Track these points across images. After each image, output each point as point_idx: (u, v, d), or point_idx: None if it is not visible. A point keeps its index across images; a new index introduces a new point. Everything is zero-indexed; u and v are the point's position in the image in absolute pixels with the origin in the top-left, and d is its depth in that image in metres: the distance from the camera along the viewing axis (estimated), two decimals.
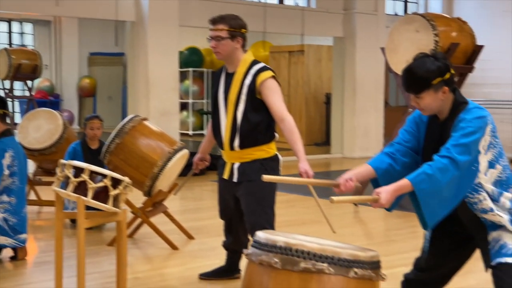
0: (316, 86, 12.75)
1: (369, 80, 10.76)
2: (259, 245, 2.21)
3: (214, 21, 3.43)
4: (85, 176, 2.92)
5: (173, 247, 4.67)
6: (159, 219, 5.06)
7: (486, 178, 2.43)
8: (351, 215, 6.18)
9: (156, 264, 4.39)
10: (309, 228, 5.51)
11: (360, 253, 2.14)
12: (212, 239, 4.94)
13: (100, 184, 2.94)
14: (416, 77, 2.42)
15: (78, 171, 2.95)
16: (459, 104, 2.47)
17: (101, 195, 2.96)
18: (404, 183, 2.33)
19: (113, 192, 2.96)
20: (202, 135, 15.07)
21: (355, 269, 2.11)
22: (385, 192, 2.32)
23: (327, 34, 11.07)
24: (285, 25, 10.26)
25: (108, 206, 2.96)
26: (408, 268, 4.29)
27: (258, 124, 3.42)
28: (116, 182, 3.00)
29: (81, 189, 2.92)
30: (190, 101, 14.72)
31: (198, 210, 6.32)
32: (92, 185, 2.91)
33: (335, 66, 11.13)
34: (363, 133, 10.81)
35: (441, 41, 5.96)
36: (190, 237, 5.00)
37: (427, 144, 2.54)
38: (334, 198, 2.22)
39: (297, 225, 5.62)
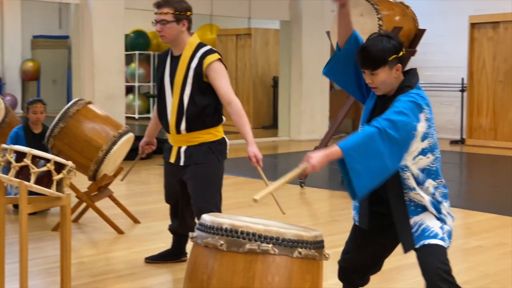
0: (264, 70, 12.78)
1: (316, 64, 10.85)
2: (204, 227, 2.22)
3: (159, 5, 3.40)
4: (27, 161, 2.86)
5: (119, 231, 4.64)
6: (104, 204, 5.01)
7: (413, 162, 2.49)
8: (297, 196, 6.26)
9: (101, 248, 4.36)
10: (257, 210, 5.56)
11: (304, 233, 2.18)
12: (158, 223, 4.93)
13: (43, 169, 2.88)
14: (373, 54, 2.48)
15: (20, 155, 2.88)
16: (404, 87, 2.54)
17: (44, 179, 2.90)
18: (334, 149, 2.35)
19: (56, 177, 2.91)
20: (148, 118, 14.91)
21: (299, 249, 2.14)
22: (316, 156, 2.31)
23: (274, 17, 11.09)
24: (232, 8, 10.22)
25: (51, 191, 2.91)
26: None
27: (205, 107, 3.41)
28: (59, 167, 2.95)
29: (23, 174, 2.86)
30: (136, 84, 14.54)
31: (144, 194, 6.28)
32: (34, 170, 2.85)
33: (282, 49, 11.18)
34: (309, 116, 10.93)
35: (385, 25, 6.07)
36: (135, 221, 4.98)
37: (369, 119, 2.60)
38: (256, 196, 2.17)
39: (244, 207, 5.66)
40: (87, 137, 4.50)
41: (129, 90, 14.22)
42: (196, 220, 3.51)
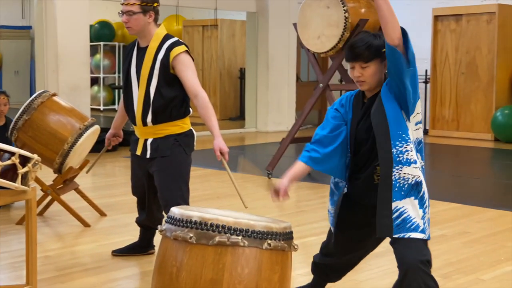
0: (230, 61, 12.76)
1: (282, 56, 10.89)
2: (173, 220, 2.22)
3: None
4: None
5: (85, 224, 4.60)
6: (70, 197, 4.95)
7: (415, 128, 2.51)
8: (264, 187, 6.28)
9: (67, 242, 4.31)
10: (224, 202, 5.57)
11: (273, 225, 2.20)
12: (125, 216, 4.90)
13: (8, 162, 2.82)
14: (367, 46, 2.50)
15: None
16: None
17: (9, 173, 2.84)
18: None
19: (21, 170, 2.86)
20: (113, 110, 14.76)
21: (269, 241, 2.16)
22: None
23: (240, 8, 11.07)
24: (199, 0, 10.18)
25: (16, 185, 2.86)
26: (318, 237, 4.45)
27: (172, 99, 3.39)
28: (24, 160, 2.90)
29: None
30: (101, 75, 14.37)
31: (110, 187, 6.23)
32: None
33: (248, 41, 11.17)
34: (276, 107, 10.96)
35: (351, 17, 6.12)
36: (102, 214, 4.94)
37: (356, 123, 2.59)
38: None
39: (211, 199, 5.66)
40: (52, 130, 4.44)
41: (94, 81, 14.03)
42: (164, 213, 3.50)
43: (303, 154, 2.64)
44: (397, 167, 2.46)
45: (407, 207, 2.46)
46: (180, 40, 3.44)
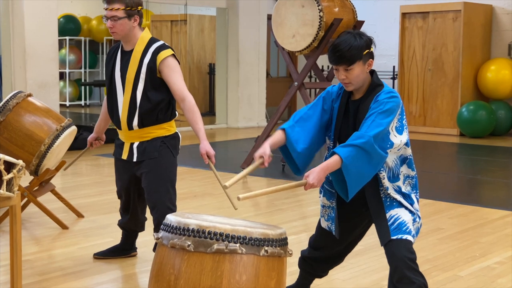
0: (199, 56, 12.72)
1: (252, 51, 10.90)
2: (170, 228, 2.23)
3: (109, 1, 3.32)
4: None
5: (63, 226, 4.55)
6: (44, 198, 4.89)
7: (397, 151, 2.59)
8: (240, 185, 6.31)
9: (45, 245, 4.25)
10: (200, 201, 5.58)
11: (269, 232, 2.23)
12: (103, 217, 4.87)
13: None
14: (348, 49, 2.53)
15: None
16: (376, 86, 2.62)
17: None
18: (332, 160, 2.43)
19: (6, 177, 2.82)
20: (79, 105, 14.57)
21: (266, 247, 2.19)
22: (314, 173, 2.41)
23: (210, 4, 11.04)
24: None
25: (2, 192, 2.82)
26: (297, 236, 4.49)
27: (159, 103, 3.37)
28: (9, 166, 2.86)
29: None
30: (67, 70, 14.14)
31: (83, 187, 6.16)
32: None
33: (218, 36, 11.15)
34: (246, 103, 10.98)
35: (325, 16, 6.17)
36: (79, 215, 4.89)
37: (341, 122, 2.66)
38: (241, 196, 2.27)
39: (188, 199, 5.66)
40: (28, 131, 4.37)
41: (60, 76, 13.80)
42: (151, 214, 3.49)
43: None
44: (380, 188, 2.62)
45: (400, 213, 2.62)
46: (166, 44, 3.43)
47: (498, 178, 6.97)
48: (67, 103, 14.07)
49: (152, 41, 3.40)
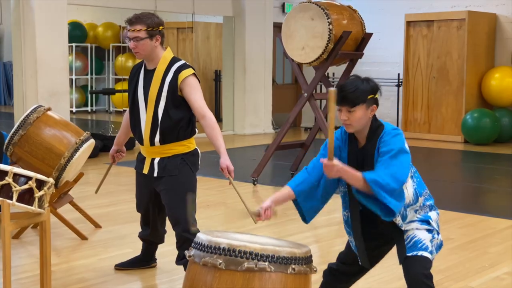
0: (205, 63, 12.85)
1: (259, 59, 11.02)
2: (201, 247, 2.33)
3: (131, 22, 3.44)
4: (9, 179, 2.87)
5: (82, 237, 4.66)
6: (61, 208, 4.98)
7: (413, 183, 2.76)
8: (250, 194, 6.40)
9: (66, 256, 4.34)
10: (213, 212, 5.65)
11: (296, 250, 2.34)
12: (120, 227, 4.96)
13: (25, 187, 2.90)
14: (354, 91, 2.63)
15: (1, 174, 2.89)
16: (377, 127, 2.71)
17: (26, 196, 2.92)
18: (357, 173, 2.58)
19: (38, 194, 2.94)
20: (85, 112, 14.69)
21: (293, 265, 2.30)
22: (341, 164, 2.55)
23: (217, 13, 11.16)
24: (175, 4, 10.22)
25: (34, 208, 2.94)
26: (311, 247, 4.57)
27: (179, 120, 3.48)
28: (40, 183, 2.98)
29: (5, 192, 2.87)
30: (74, 77, 14.26)
31: (97, 196, 6.22)
32: (16, 188, 2.87)
33: (225, 44, 11.27)
34: (252, 110, 11.10)
35: (334, 28, 6.28)
36: (97, 226, 4.99)
37: (352, 163, 2.74)
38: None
39: (201, 208, 5.72)
40: (48, 144, 4.48)
41: None
42: (174, 230, 3.59)
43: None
44: (398, 225, 2.75)
45: (416, 232, 2.76)
46: (187, 63, 3.54)
47: (503, 187, 7.06)
48: (74, 109, 14.18)
49: (174, 60, 3.52)
